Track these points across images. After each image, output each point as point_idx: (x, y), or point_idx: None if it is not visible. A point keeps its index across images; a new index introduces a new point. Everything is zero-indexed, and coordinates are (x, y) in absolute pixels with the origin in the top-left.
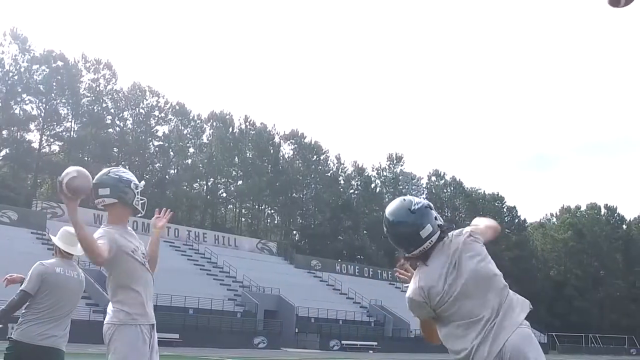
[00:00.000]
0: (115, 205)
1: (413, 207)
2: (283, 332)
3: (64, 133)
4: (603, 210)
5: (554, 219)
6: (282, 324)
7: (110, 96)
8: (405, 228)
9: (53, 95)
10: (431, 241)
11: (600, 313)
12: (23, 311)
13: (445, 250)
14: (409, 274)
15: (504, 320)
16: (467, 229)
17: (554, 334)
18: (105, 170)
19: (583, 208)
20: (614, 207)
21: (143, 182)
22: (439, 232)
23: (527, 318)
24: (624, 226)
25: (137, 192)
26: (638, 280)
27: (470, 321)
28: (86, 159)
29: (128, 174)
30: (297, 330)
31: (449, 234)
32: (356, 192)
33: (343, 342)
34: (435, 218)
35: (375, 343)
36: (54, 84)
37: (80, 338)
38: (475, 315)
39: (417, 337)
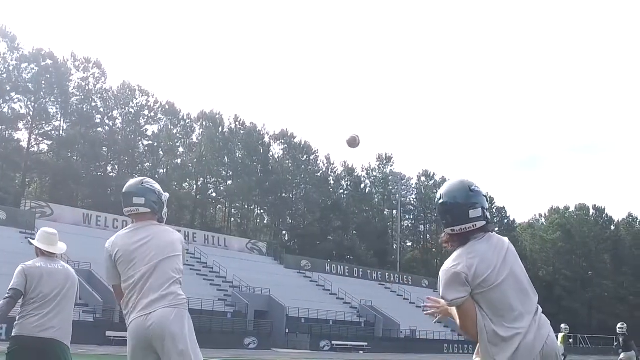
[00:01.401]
0: (146, 214)
1: (473, 187)
2: (273, 332)
3: (53, 132)
4: (592, 211)
5: (543, 220)
6: (273, 325)
7: (99, 95)
8: (459, 201)
9: (42, 94)
10: (475, 224)
11: (588, 313)
12: (18, 310)
13: (493, 241)
14: (439, 306)
15: (540, 327)
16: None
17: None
18: (138, 179)
19: (572, 209)
20: (603, 207)
21: (167, 194)
22: (485, 222)
23: None
24: (613, 227)
25: (165, 204)
26: (626, 281)
27: (512, 314)
28: (75, 158)
29: (158, 186)
30: (287, 331)
31: (493, 231)
32: (346, 192)
33: (333, 342)
34: (486, 209)
35: (366, 343)
36: (43, 82)
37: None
38: (516, 310)
39: (407, 338)
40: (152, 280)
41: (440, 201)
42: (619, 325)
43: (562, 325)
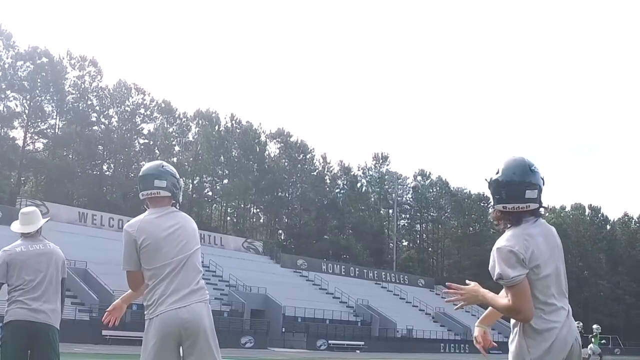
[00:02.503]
0: (165, 199)
1: (533, 167)
2: (270, 331)
3: (49, 130)
4: (587, 211)
5: None
6: (269, 324)
7: (95, 93)
8: (516, 179)
9: (37, 92)
10: (528, 206)
11: (584, 313)
12: (6, 298)
13: (545, 230)
14: (463, 292)
15: (572, 324)
16: None
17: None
18: (157, 162)
19: (568, 208)
20: (598, 207)
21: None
22: (538, 206)
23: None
24: (608, 226)
25: (182, 189)
26: (622, 281)
27: (550, 307)
28: (71, 156)
29: (175, 171)
30: (284, 330)
31: (544, 217)
32: (342, 191)
33: (330, 341)
34: (542, 193)
35: (362, 343)
36: (39, 80)
37: (66, 337)
38: (554, 305)
39: (404, 337)
40: (184, 272)
41: (497, 175)
42: (594, 326)
43: (594, 326)
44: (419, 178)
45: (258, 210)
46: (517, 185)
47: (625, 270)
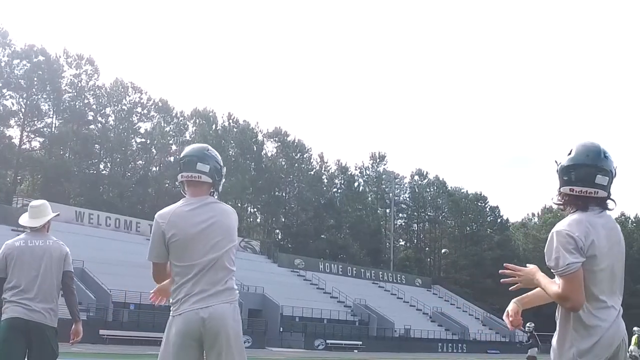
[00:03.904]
0: (205, 185)
1: (607, 154)
2: (268, 331)
3: (45, 129)
4: None
5: (536, 219)
6: (267, 323)
7: (92, 92)
8: (588, 162)
9: (34, 90)
10: (596, 192)
11: None
12: (4, 295)
13: (609, 224)
14: (521, 273)
15: (620, 324)
16: None
17: (536, 333)
18: (201, 145)
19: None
20: None
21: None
22: (606, 196)
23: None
24: None
25: (224, 178)
26: None
27: (601, 304)
28: (67, 155)
29: (220, 158)
30: (281, 330)
31: (611, 210)
32: (339, 190)
33: (328, 341)
34: (611, 184)
35: (360, 342)
36: (35, 79)
37: (64, 337)
38: (605, 302)
39: (401, 337)
40: (212, 272)
41: (569, 156)
42: (635, 328)
43: (635, 328)
44: (416, 178)
45: (255, 209)
46: (588, 168)
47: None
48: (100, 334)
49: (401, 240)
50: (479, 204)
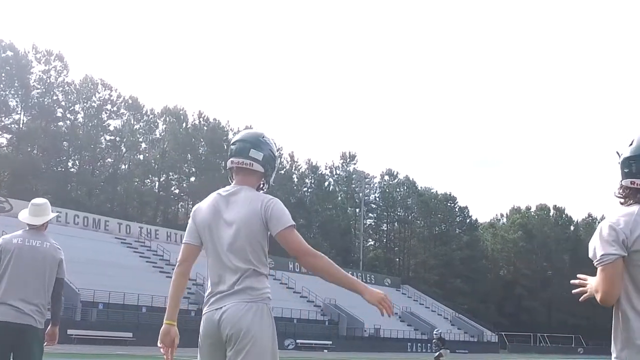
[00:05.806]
0: (254, 175)
1: None
2: None
3: (13, 125)
4: (552, 211)
5: (504, 219)
6: None
7: (61, 88)
8: None
9: (2, 86)
10: None
11: (548, 313)
12: None
13: None
14: (588, 284)
15: None
16: None
17: (503, 333)
18: (257, 131)
19: (533, 209)
20: (563, 208)
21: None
22: None
23: (477, 317)
24: (572, 227)
25: (276, 170)
26: None
27: None
28: (35, 152)
29: (276, 148)
30: None
31: None
32: (309, 190)
33: (298, 341)
34: None
35: (330, 342)
36: (3, 74)
37: None
38: None
39: (371, 336)
40: (229, 272)
41: (631, 147)
42: (435, 330)
43: None
44: (386, 177)
45: None
46: None
47: (590, 271)
48: (69, 334)
49: (371, 240)
50: (449, 204)
